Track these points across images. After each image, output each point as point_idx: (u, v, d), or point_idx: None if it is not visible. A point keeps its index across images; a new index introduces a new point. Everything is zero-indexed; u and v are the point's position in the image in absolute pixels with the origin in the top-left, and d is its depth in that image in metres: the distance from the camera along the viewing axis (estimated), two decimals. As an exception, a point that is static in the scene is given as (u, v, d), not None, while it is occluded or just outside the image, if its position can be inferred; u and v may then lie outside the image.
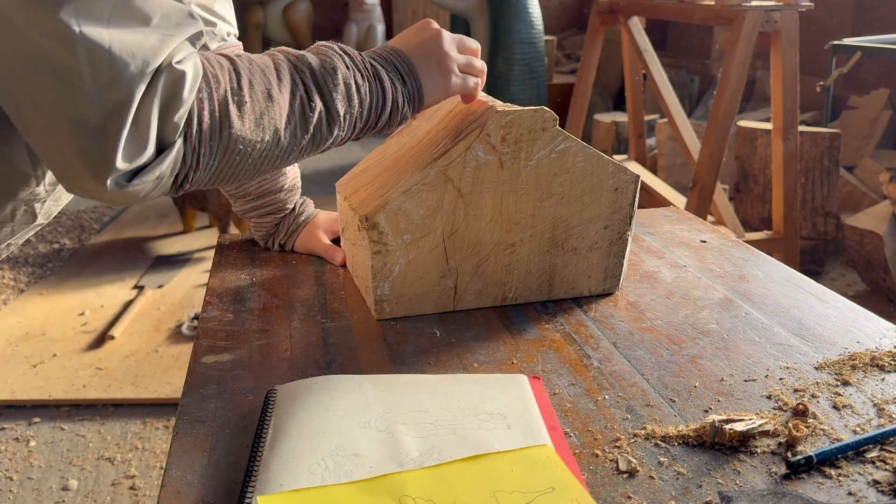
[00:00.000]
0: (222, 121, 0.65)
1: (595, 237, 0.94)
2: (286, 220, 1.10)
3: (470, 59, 0.86)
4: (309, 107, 0.71)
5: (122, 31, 0.57)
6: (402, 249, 0.87)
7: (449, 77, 0.83)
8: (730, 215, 2.83)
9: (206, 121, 0.64)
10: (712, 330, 0.88)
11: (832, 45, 3.26)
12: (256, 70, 0.69)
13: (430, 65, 0.82)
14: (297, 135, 0.71)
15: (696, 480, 0.62)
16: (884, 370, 0.79)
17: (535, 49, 3.99)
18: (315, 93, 0.72)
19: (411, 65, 0.80)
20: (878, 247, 2.71)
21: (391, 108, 0.78)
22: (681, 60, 5.19)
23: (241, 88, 0.66)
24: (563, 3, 6.34)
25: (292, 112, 0.70)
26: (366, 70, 0.76)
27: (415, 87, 0.81)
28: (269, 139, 0.68)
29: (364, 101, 0.76)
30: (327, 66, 0.73)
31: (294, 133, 0.70)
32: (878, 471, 0.63)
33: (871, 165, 3.47)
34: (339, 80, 0.73)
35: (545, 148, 0.88)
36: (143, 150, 0.60)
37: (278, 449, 0.63)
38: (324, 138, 0.74)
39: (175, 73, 0.60)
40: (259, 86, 0.68)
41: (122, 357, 2.42)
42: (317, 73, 0.72)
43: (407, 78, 0.80)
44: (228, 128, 0.65)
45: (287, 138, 0.70)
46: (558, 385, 0.77)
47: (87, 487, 1.86)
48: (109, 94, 0.57)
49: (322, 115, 0.72)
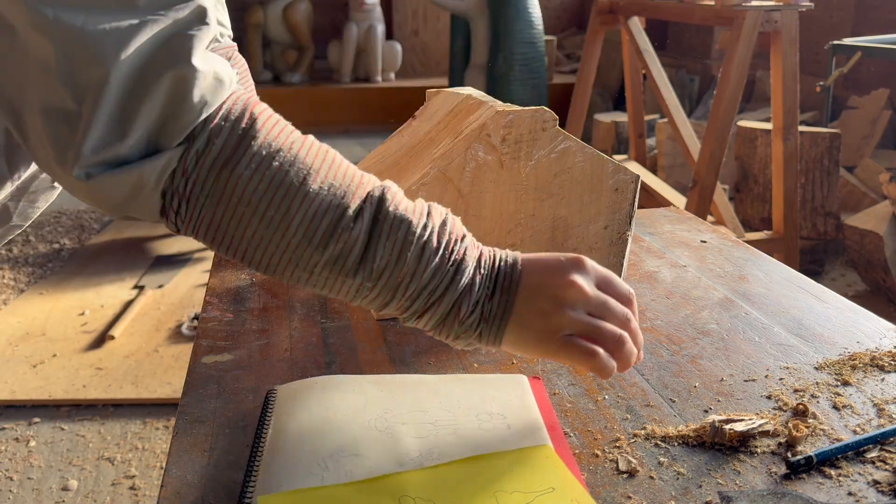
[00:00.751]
0: (230, 159, 0.56)
1: (595, 237, 0.94)
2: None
3: (599, 325, 0.63)
4: (347, 223, 0.58)
5: (99, 13, 0.53)
6: (402, 249, 0.87)
7: (544, 339, 0.62)
8: (730, 215, 2.83)
9: (215, 149, 0.56)
10: (712, 330, 0.88)
11: (832, 45, 3.26)
12: (317, 155, 0.60)
13: (533, 311, 0.62)
14: (312, 239, 0.58)
15: (696, 480, 0.62)
16: (884, 370, 0.79)
17: (535, 49, 3.99)
18: (365, 219, 0.59)
19: (514, 291, 0.63)
20: (878, 247, 2.71)
21: (450, 306, 0.61)
22: (681, 60, 5.19)
23: (279, 151, 0.57)
24: (563, 3, 6.34)
25: (321, 212, 0.58)
26: (448, 249, 0.61)
27: (499, 313, 0.62)
28: (275, 218, 0.57)
29: (420, 273, 0.60)
30: (399, 213, 0.60)
31: (310, 235, 0.58)
32: (878, 471, 0.63)
33: (871, 165, 3.47)
34: (400, 232, 0.59)
35: (545, 148, 0.88)
36: (118, 140, 0.54)
37: (278, 449, 0.63)
38: (343, 272, 0.59)
39: (185, 75, 0.54)
40: (301, 163, 0.58)
41: (122, 357, 2.42)
42: (383, 207, 0.60)
43: (498, 298, 0.62)
44: (232, 170, 0.56)
45: (298, 234, 0.58)
46: (558, 385, 0.77)
47: (87, 487, 1.86)
48: (82, 74, 0.52)
49: (356, 244, 0.59)
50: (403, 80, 5.82)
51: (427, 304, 0.61)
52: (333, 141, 5.75)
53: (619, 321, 0.64)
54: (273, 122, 0.59)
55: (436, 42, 6.15)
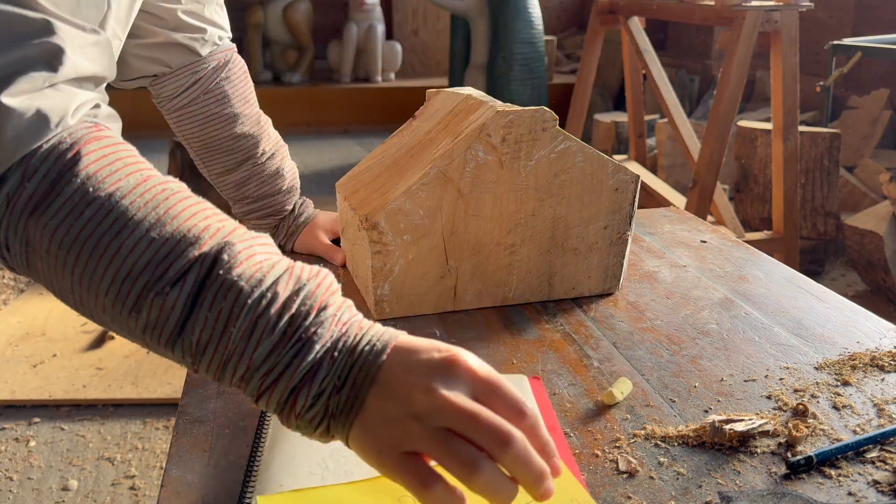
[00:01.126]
0: (40, 205, 0.49)
1: (595, 237, 0.94)
2: (285, 221, 1.10)
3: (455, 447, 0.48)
4: (163, 286, 0.49)
5: None
6: (402, 249, 0.87)
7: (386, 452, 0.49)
8: (730, 215, 2.83)
9: (25, 193, 0.49)
10: (712, 330, 0.88)
11: (832, 45, 3.26)
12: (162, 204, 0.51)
13: (386, 416, 0.50)
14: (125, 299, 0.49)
15: (696, 480, 0.62)
16: (884, 370, 0.79)
17: (535, 49, 3.99)
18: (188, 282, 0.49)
19: (366, 386, 0.50)
20: (878, 247, 2.71)
21: (286, 396, 0.50)
22: (681, 60, 5.19)
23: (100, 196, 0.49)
24: (563, 3, 6.34)
25: (136, 271, 0.49)
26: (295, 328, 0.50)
27: (345, 409, 0.50)
28: (80, 262, 0.49)
29: (250, 353, 0.49)
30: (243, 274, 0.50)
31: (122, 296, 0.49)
32: (878, 471, 0.63)
33: (871, 165, 3.47)
34: (228, 301, 0.49)
35: (545, 148, 0.88)
36: None
37: (278, 449, 0.63)
38: (154, 340, 0.51)
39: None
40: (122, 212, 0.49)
41: (122, 357, 2.42)
42: (216, 268, 0.50)
43: (346, 391, 0.50)
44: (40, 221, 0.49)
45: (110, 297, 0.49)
46: (558, 385, 0.77)
47: (87, 487, 1.86)
48: None
49: (173, 311, 0.49)
50: (403, 80, 5.82)
51: (260, 388, 0.50)
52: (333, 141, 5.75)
53: (493, 439, 0.48)
54: (105, 163, 0.51)
55: (436, 42, 6.15)
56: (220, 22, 0.98)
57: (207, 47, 0.97)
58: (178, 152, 3.07)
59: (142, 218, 0.50)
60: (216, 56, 0.98)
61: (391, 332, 0.53)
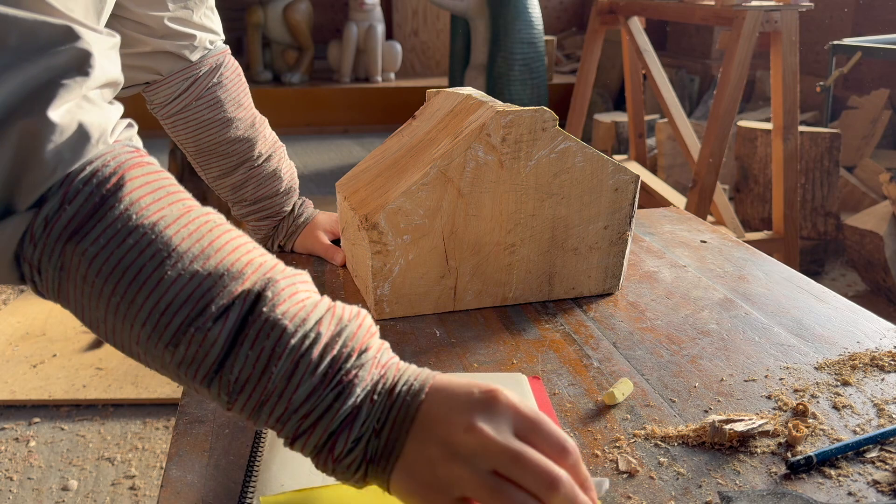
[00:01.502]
0: (81, 227, 0.47)
1: (595, 237, 0.94)
2: (285, 221, 1.10)
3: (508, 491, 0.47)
4: (204, 320, 0.47)
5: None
6: (402, 249, 0.88)
7: (434, 497, 0.49)
8: (730, 215, 2.83)
9: (66, 214, 0.47)
10: (712, 330, 0.88)
11: (832, 45, 3.26)
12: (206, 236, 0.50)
13: (423, 453, 0.49)
14: (162, 333, 0.48)
15: (696, 480, 0.62)
16: (884, 370, 0.79)
17: (535, 49, 3.99)
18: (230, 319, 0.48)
19: (405, 429, 0.49)
20: (878, 247, 2.71)
21: (325, 439, 0.49)
22: (681, 60, 5.19)
23: (143, 224, 0.48)
24: (563, 3, 6.35)
25: (174, 306, 0.47)
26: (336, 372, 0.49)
27: (384, 454, 0.49)
28: (119, 304, 0.48)
29: (289, 395, 0.48)
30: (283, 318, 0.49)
31: (159, 331, 0.48)
32: (878, 471, 0.63)
33: (871, 165, 3.47)
34: (269, 342, 0.48)
35: (545, 148, 0.88)
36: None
37: (278, 449, 0.63)
38: (190, 376, 0.49)
39: (36, 127, 0.45)
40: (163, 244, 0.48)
41: (123, 357, 2.42)
42: (258, 306, 0.48)
43: (386, 435, 0.49)
44: (79, 242, 0.47)
45: (147, 329, 0.48)
46: (558, 385, 0.77)
47: (87, 487, 1.86)
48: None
49: (213, 348, 0.48)
50: (403, 81, 5.82)
51: (297, 431, 0.49)
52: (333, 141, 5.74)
53: (541, 481, 0.47)
54: (149, 190, 0.49)
55: (436, 42, 6.15)
56: (210, 26, 0.98)
57: (198, 53, 0.96)
58: (179, 152, 3.07)
59: (185, 249, 0.48)
60: (208, 61, 0.97)
61: (428, 371, 0.52)
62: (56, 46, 0.47)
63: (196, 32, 0.95)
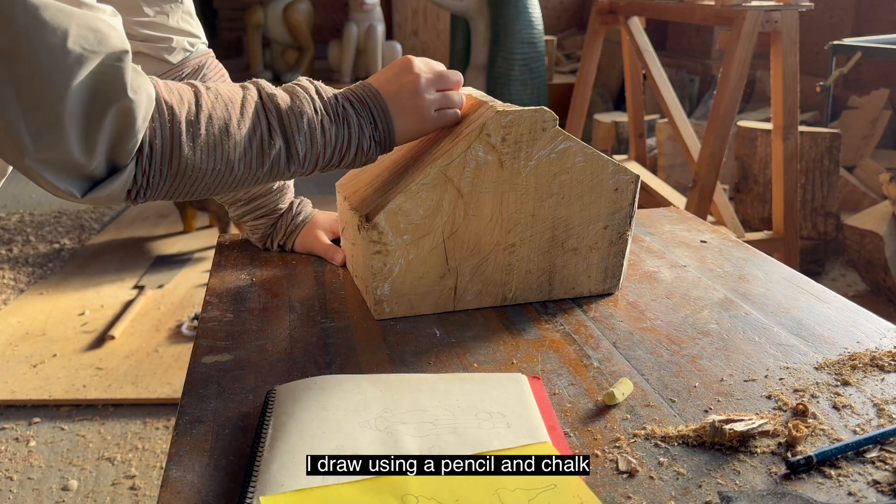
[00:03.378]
0: (173, 149, 0.69)
1: (595, 237, 0.94)
2: (282, 220, 1.10)
3: (447, 94, 0.87)
4: (269, 143, 0.75)
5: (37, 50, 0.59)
6: (402, 249, 0.88)
7: (424, 120, 0.85)
8: (730, 215, 2.83)
9: (158, 148, 0.68)
10: (712, 330, 0.88)
11: (832, 45, 3.26)
12: (220, 104, 0.72)
13: (405, 109, 0.84)
14: (252, 166, 0.75)
15: (696, 480, 0.62)
16: (884, 370, 0.79)
17: (535, 49, 3.99)
18: (277, 132, 0.75)
19: (386, 109, 0.83)
20: (878, 247, 2.71)
21: (356, 151, 0.81)
22: (681, 60, 5.19)
23: (199, 121, 0.70)
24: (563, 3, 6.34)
25: (249, 146, 0.74)
26: (336, 114, 0.79)
27: (386, 131, 0.83)
28: (221, 168, 0.73)
29: (329, 142, 0.79)
30: (295, 109, 0.76)
31: (249, 165, 0.75)
32: (877, 471, 0.63)
33: (871, 165, 3.47)
34: (303, 124, 0.76)
35: (545, 148, 0.88)
36: (87, 163, 0.64)
37: (278, 449, 0.63)
38: (281, 172, 0.78)
39: (128, 106, 0.64)
40: (218, 119, 0.72)
41: (122, 357, 2.42)
42: (283, 114, 0.76)
43: (380, 122, 0.82)
44: (179, 156, 0.70)
45: (241, 169, 0.74)
46: (558, 385, 0.77)
47: (87, 487, 1.86)
48: (37, 115, 0.60)
49: (281, 152, 0.76)
50: (403, 80, 5.80)
51: (341, 156, 0.81)
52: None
53: (453, 83, 0.88)
54: (177, 98, 0.70)
55: (436, 42, 6.15)
56: (188, 29, 0.99)
57: (178, 55, 0.97)
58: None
59: (223, 110, 0.73)
60: (190, 63, 0.99)
61: (369, 81, 0.85)
62: (102, 41, 0.61)
63: (172, 35, 0.96)
